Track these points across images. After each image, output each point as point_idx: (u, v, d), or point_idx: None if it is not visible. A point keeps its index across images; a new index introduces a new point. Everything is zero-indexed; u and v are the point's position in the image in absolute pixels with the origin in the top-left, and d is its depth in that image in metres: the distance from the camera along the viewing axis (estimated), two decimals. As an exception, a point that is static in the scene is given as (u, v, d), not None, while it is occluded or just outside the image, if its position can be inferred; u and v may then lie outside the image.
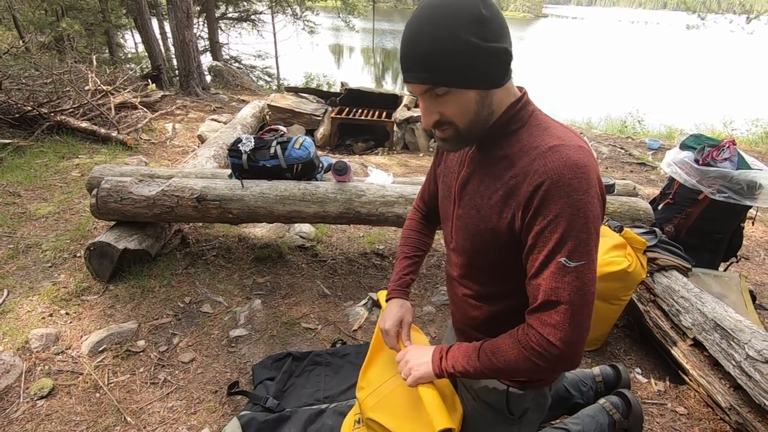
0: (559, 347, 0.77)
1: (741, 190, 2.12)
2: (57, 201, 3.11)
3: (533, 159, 0.80)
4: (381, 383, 1.14)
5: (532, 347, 0.80)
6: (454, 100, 0.80)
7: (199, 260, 2.54)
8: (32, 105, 4.11)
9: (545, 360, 0.79)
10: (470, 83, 0.77)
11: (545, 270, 0.79)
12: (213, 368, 1.87)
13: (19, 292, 2.20)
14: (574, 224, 0.76)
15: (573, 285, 0.77)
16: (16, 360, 1.77)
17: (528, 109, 0.86)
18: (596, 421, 1.38)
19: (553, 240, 0.78)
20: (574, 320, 0.77)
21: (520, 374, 0.85)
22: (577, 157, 0.77)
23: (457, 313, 1.13)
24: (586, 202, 0.76)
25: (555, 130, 0.83)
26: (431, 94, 0.80)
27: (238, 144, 2.34)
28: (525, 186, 0.80)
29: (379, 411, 1.10)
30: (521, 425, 1.08)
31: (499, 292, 0.97)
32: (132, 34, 12.78)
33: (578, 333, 0.78)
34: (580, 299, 0.77)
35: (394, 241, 2.93)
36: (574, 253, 0.76)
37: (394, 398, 1.10)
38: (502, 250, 0.89)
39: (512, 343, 0.85)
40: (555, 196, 0.77)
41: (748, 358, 1.50)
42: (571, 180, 0.76)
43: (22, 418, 1.57)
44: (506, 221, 0.85)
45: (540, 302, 0.80)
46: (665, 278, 2.00)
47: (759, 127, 7.57)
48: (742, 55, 25.85)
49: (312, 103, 5.39)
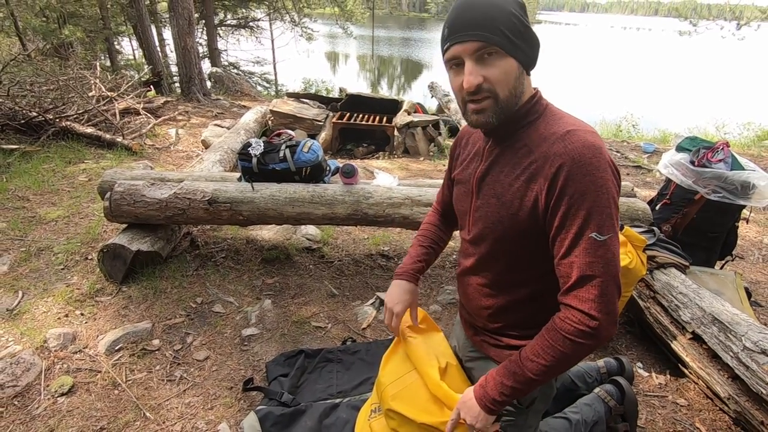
0: (601, 319, 0.82)
1: (735, 190, 2.20)
2: (66, 205, 3.15)
3: (552, 143, 0.87)
4: (401, 375, 1.20)
5: (576, 328, 0.83)
6: (500, 65, 0.85)
7: (209, 262, 2.59)
8: (38, 111, 4.15)
9: (590, 336, 0.83)
10: (516, 52, 0.86)
11: (577, 247, 0.84)
12: (227, 366, 1.91)
13: (34, 293, 2.24)
14: (599, 200, 0.82)
15: (605, 257, 0.82)
16: (35, 359, 1.81)
17: (542, 103, 0.94)
18: (593, 409, 1.44)
19: (581, 216, 0.83)
20: (610, 290, 0.83)
21: (570, 361, 0.87)
22: (592, 140, 0.85)
23: (468, 304, 1.17)
24: (606, 179, 0.83)
25: (568, 119, 0.91)
26: (480, 54, 0.85)
27: (248, 148, 2.40)
28: (547, 168, 0.86)
29: (399, 401, 1.16)
30: (528, 414, 1.13)
31: (515, 280, 1.02)
32: (130, 41, 12.85)
33: (615, 301, 0.83)
34: (614, 269, 0.83)
35: (399, 243, 2.99)
36: (603, 227, 0.82)
37: (415, 390, 1.15)
38: (522, 236, 0.94)
39: (552, 335, 0.87)
40: (578, 174, 0.83)
41: (745, 349, 1.57)
42: (591, 159, 0.82)
43: (44, 414, 1.61)
44: (529, 205, 0.90)
45: (575, 279, 0.84)
46: (664, 275, 2.07)
47: (750, 131, 7.72)
48: (733, 61, 26.25)
49: (313, 109, 5.46)
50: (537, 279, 0.99)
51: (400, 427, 1.16)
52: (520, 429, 1.13)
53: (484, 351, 1.15)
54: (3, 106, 4.05)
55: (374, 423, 1.29)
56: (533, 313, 1.05)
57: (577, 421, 1.40)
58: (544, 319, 1.04)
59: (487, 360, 1.14)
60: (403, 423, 1.15)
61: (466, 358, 1.20)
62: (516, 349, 1.07)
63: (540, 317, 1.05)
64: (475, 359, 1.17)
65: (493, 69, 0.85)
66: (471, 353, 1.19)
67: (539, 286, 1.00)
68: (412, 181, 2.79)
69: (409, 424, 1.13)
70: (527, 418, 1.13)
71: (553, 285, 1.02)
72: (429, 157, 5.16)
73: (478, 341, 1.15)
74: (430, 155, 5.20)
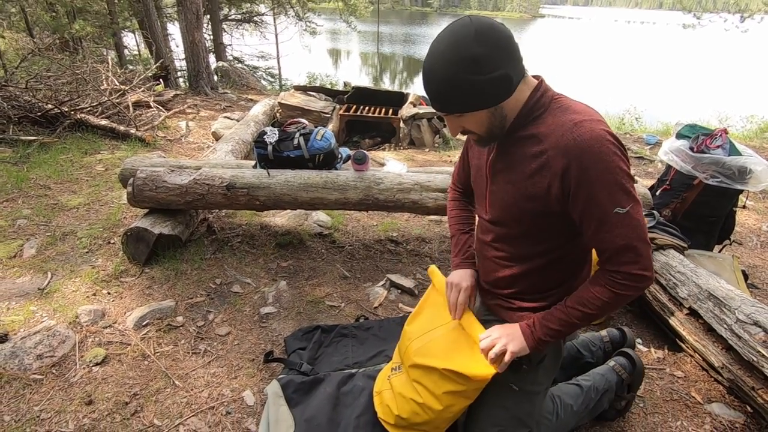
0: (644, 274, 0.96)
1: (732, 175, 2.29)
2: (86, 193, 3.26)
3: (562, 135, 0.95)
4: (426, 331, 1.30)
5: (624, 284, 0.97)
6: (469, 119, 1.00)
7: (226, 246, 2.70)
8: (54, 103, 4.26)
9: (635, 288, 0.97)
10: (477, 107, 0.96)
11: (605, 225, 0.95)
12: (248, 340, 2.02)
13: (62, 274, 2.35)
14: (614, 180, 0.93)
15: (632, 224, 0.94)
16: (69, 332, 1.93)
17: (547, 95, 1.02)
18: (605, 379, 1.54)
19: (602, 198, 0.94)
20: (644, 249, 0.95)
21: (610, 309, 1.02)
22: (600, 128, 0.93)
23: (485, 274, 1.28)
24: (616, 160, 0.93)
25: (576, 107, 0.99)
26: (451, 116, 1.00)
27: (264, 135, 2.50)
28: (559, 159, 0.96)
29: (423, 355, 1.26)
30: (538, 371, 1.24)
31: (532, 253, 1.12)
32: (134, 36, 12.93)
33: (649, 254, 0.97)
34: (641, 232, 0.95)
35: (407, 229, 3.09)
36: (623, 201, 0.93)
37: (438, 342, 1.26)
38: (537, 216, 1.04)
39: (597, 290, 1.00)
40: (590, 164, 0.92)
41: (738, 321, 1.67)
42: (600, 148, 0.92)
43: (81, 381, 1.73)
44: (543, 191, 1.00)
45: (612, 251, 0.97)
46: (663, 256, 2.17)
47: (753, 123, 7.76)
48: (736, 54, 26.09)
49: (320, 101, 5.56)
50: (551, 250, 1.10)
51: (421, 377, 1.26)
52: (530, 384, 1.24)
53: (498, 314, 1.25)
54: (21, 99, 4.16)
55: (394, 380, 1.40)
56: (545, 279, 1.15)
57: (588, 388, 1.50)
58: (554, 283, 1.15)
59: (501, 323, 1.25)
60: (425, 373, 1.25)
61: (480, 321, 1.31)
62: (527, 311, 1.18)
63: (551, 281, 1.16)
64: (490, 321, 1.27)
65: (466, 122, 1.00)
66: (485, 317, 1.30)
67: (552, 256, 1.11)
68: (421, 168, 2.88)
69: (431, 374, 1.23)
70: (537, 375, 1.23)
71: (564, 254, 1.13)
72: (434, 148, 5.25)
73: (493, 305, 1.26)
74: (435, 147, 5.28)
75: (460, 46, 0.89)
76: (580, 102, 1.02)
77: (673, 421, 1.69)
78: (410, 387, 1.33)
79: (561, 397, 1.46)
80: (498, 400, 1.27)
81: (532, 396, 1.27)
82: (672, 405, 1.76)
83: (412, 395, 1.32)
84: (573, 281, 1.12)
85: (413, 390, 1.32)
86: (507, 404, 1.27)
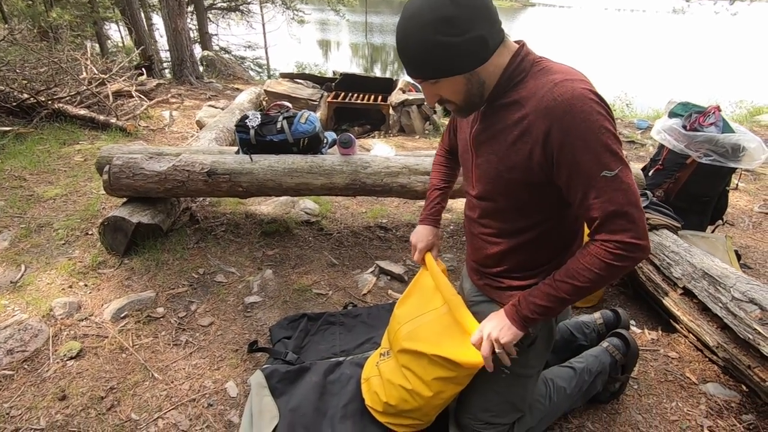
0: (639, 243, 0.88)
1: (726, 153, 2.25)
2: (63, 184, 3.15)
3: (542, 97, 0.89)
4: (415, 316, 1.24)
5: (616, 253, 0.88)
6: (445, 86, 0.93)
7: (209, 235, 2.62)
8: (29, 93, 4.11)
9: (630, 259, 0.89)
10: (453, 72, 0.90)
11: (592, 190, 0.88)
12: (231, 330, 1.95)
13: (36, 267, 2.26)
14: (599, 140, 0.86)
15: (621, 188, 0.86)
16: (42, 326, 1.84)
17: (528, 59, 0.95)
18: (599, 361, 1.50)
19: (588, 161, 0.86)
20: (636, 214, 0.87)
21: (603, 282, 0.93)
22: (581, 87, 0.86)
23: (474, 252, 1.22)
24: (600, 122, 0.86)
25: (557, 68, 0.92)
26: (426, 83, 0.95)
27: (246, 120, 2.41)
28: (540, 122, 0.89)
29: (412, 340, 1.20)
30: (529, 353, 1.19)
31: (519, 228, 1.06)
32: (118, 27, 12.62)
33: (643, 221, 0.88)
34: (632, 196, 0.87)
35: (396, 216, 3.03)
36: (610, 163, 0.86)
37: (428, 327, 1.20)
38: (523, 187, 0.98)
39: (588, 260, 0.92)
40: (573, 124, 0.85)
41: (733, 299, 1.63)
42: (582, 106, 0.85)
43: (54, 376, 1.65)
44: (525, 158, 0.94)
45: (601, 218, 0.89)
46: (656, 236, 2.12)
47: (743, 108, 7.77)
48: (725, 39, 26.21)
49: (308, 89, 5.44)
50: (540, 223, 1.04)
51: (410, 363, 1.21)
52: (522, 367, 1.18)
53: (488, 294, 1.20)
54: (-6, 88, 4.01)
55: (383, 366, 1.34)
56: (535, 254, 1.09)
57: (581, 370, 1.46)
58: (544, 259, 1.09)
59: (491, 303, 1.19)
60: (414, 358, 1.19)
61: (470, 302, 1.25)
62: (516, 290, 1.12)
63: (541, 257, 1.10)
64: (480, 302, 1.22)
65: (442, 89, 0.95)
66: (475, 297, 1.24)
67: (541, 229, 1.05)
68: (410, 152, 2.81)
69: (420, 359, 1.18)
70: (528, 358, 1.18)
71: (554, 228, 1.07)
72: (424, 135, 5.17)
73: (482, 285, 1.20)
74: (425, 133, 5.21)
75: (433, 6, 0.83)
76: (564, 64, 0.95)
77: (667, 402, 1.65)
78: (399, 373, 1.28)
79: (554, 380, 1.41)
80: (489, 385, 1.22)
81: (524, 380, 1.22)
82: (666, 386, 1.72)
83: (401, 381, 1.27)
84: (563, 257, 1.06)
85: (402, 376, 1.27)
86: (498, 389, 1.22)
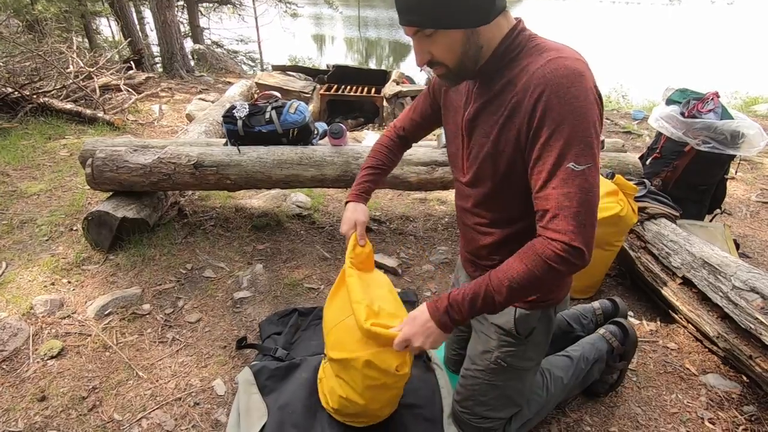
0: (580, 248, 0.81)
1: (725, 140, 2.20)
2: (47, 179, 3.07)
3: (532, 73, 0.83)
4: (338, 321, 1.19)
5: (555, 254, 0.81)
6: (441, 41, 0.85)
7: (198, 230, 2.55)
8: (14, 87, 4.00)
9: (567, 263, 0.81)
10: (454, 24, 0.82)
11: (554, 178, 0.82)
12: (220, 327, 1.90)
13: (18, 264, 2.19)
14: (577, 129, 0.80)
15: (583, 187, 0.80)
16: (22, 324, 1.78)
17: (524, 34, 0.89)
18: (595, 348, 1.46)
19: (558, 147, 0.81)
20: (588, 220, 0.81)
21: (537, 286, 0.85)
22: (574, 66, 0.81)
23: (467, 244, 1.17)
24: (586, 108, 0.80)
25: (553, 46, 0.86)
26: (421, 35, 0.86)
27: (233, 110, 2.33)
28: (527, 100, 0.84)
29: (338, 349, 1.17)
30: (527, 345, 1.14)
31: (512, 217, 1.01)
32: (108, 21, 12.41)
33: (592, 230, 0.82)
34: (592, 199, 0.81)
35: (390, 208, 2.97)
36: (580, 157, 0.80)
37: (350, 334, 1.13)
38: (514, 173, 0.92)
39: (528, 259, 0.84)
40: (556, 104, 0.80)
41: (734, 288, 1.59)
42: (569, 87, 0.79)
43: (34, 376, 1.59)
44: (513, 138, 0.89)
45: (553, 211, 0.82)
46: (655, 225, 2.08)
47: (738, 99, 7.75)
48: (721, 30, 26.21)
49: (300, 81, 5.35)
50: (533, 213, 0.98)
51: (341, 372, 1.19)
52: (519, 360, 1.14)
53: None
54: (-24, 82, 3.90)
55: (326, 367, 1.32)
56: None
57: (578, 358, 1.42)
58: None
59: None
60: (343, 368, 1.17)
61: None
62: None
63: None
64: None
65: (436, 45, 0.86)
66: None
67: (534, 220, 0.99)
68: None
69: (348, 368, 1.15)
70: (527, 349, 1.14)
71: None
72: (419, 127, 5.11)
73: (477, 276, 1.15)
74: (420, 126, 5.14)
75: None
76: (558, 42, 0.90)
77: (667, 394, 1.61)
78: (335, 380, 1.25)
79: (550, 370, 1.37)
80: (486, 377, 1.18)
81: (522, 373, 1.18)
82: (666, 378, 1.69)
83: (337, 390, 1.24)
84: None
85: (337, 384, 1.24)
86: (496, 382, 1.18)
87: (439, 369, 1.60)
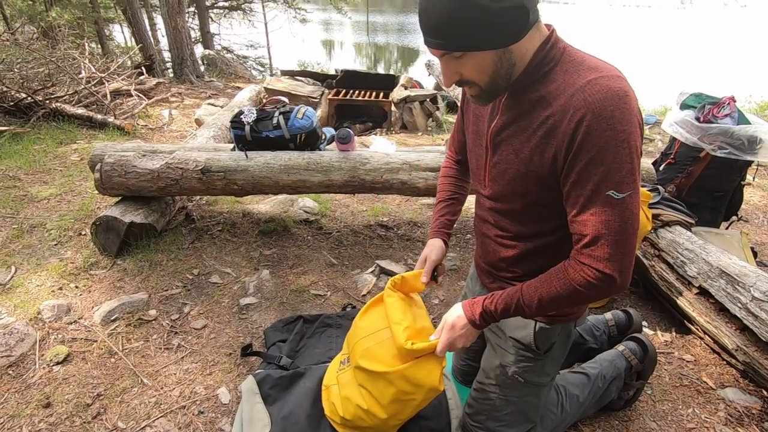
0: (615, 277, 0.79)
1: (742, 146, 2.14)
2: (58, 184, 3.09)
3: (572, 95, 0.79)
4: (375, 331, 1.16)
5: (588, 281, 0.81)
6: (470, 62, 0.81)
7: (205, 235, 2.55)
8: (27, 92, 4.06)
9: (598, 290, 0.81)
10: (484, 46, 0.78)
11: (593, 205, 0.79)
12: (225, 333, 1.88)
13: (27, 268, 2.20)
14: (619, 155, 0.76)
15: (623, 216, 0.77)
16: (29, 329, 1.78)
17: (558, 47, 0.85)
18: (614, 365, 1.41)
19: (599, 173, 0.77)
20: (625, 249, 0.79)
21: (566, 305, 0.87)
22: (617, 87, 0.76)
23: (485, 255, 1.13)
24: (629, 133, 0.76)
25: (590, 62, 0.82)
26: (449, 57, 0.81)
27: (241, 115, 2.33)
28: (566, 123, 0.80)
29: (368, 358, 1.13)
30: (546, 360, 1.10)
31: (537, 232, 0.97)
32: (121, 28, 12.61)
33: (630, 259, 0.80)
34: (631, 227, 0.78)
35: (398, 214, 2.94)
36: (621, 184, 0.77)
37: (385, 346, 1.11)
38: (543, 191, 0.89)
39: (559, 281, 0.85)
40: (598, 129, 0.76)
41: (753, 299, 1.53)
42: (613, 111, 0.75)
43: (39, 382, 1.58)
44: (549, 161, 0.85)
45: (590, 238, 0.80)
46: (669, 233, 2.03)
47: (752, 103, 7.61)
48: (734, 33, 25.86)
49: (308, 86, 5.37)
50: (558, 228, 0.95)
51: (366, 382, 1.14)
52: (537, 375, 1.10)
53: None
54: (-10, 88, 3.97)
55: (342, 375, 1.27)
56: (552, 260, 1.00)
57: (595, 376, 1.37)
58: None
59: None
60: (371, 379, 1.13)
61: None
62: None
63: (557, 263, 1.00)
64: None
65: (465, 67, 0.82)
66: None
67: (561, 234, 0.95)
68: (411, 148, 2.72)
69: (377, 380, 1.11)
70: (544, 364, 1.10)
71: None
72: (427, 132, 5.08)
73: (495, 288, 1.11)
74: (428, 130, 5.12)
75: None
76: (596, 57, 0.85)
77: (683, 409, 1.56)
78: (356, 390, 1.21)
79: (566, 387, 1.32)
80: (501, 392, 1.14)
81: (538, 389, 1.14)
82: (682, 391, 1.63)
83: (357, 400, 1.20)
84: None
85: (359, 394, 1.20)
86: (511, 397, 1.14)
87: (446, 379, 1.57)
